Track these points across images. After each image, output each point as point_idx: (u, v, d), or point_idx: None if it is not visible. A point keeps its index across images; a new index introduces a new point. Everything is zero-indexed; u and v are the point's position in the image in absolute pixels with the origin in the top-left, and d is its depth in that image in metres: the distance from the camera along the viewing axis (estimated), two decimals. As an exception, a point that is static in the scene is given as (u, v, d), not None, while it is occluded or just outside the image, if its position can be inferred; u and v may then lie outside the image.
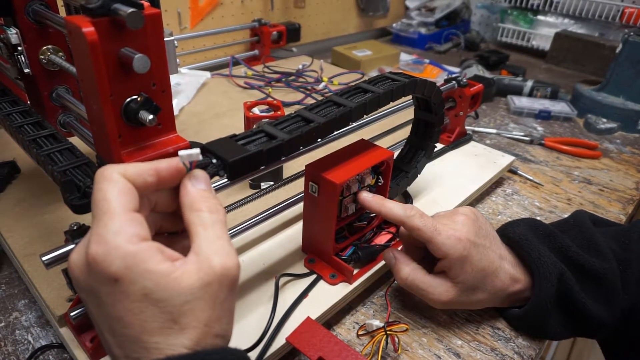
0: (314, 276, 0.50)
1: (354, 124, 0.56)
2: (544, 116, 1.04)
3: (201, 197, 0.30)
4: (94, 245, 0.26)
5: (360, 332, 0.47)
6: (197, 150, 0.31)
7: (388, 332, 0.44)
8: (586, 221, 0.50)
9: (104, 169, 0.29)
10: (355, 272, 0.50)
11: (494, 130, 0.96)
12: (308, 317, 0.44)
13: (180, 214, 0.31)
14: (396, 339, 0.45)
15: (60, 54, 0.50)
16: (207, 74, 1.05)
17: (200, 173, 0.32)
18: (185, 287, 0.27)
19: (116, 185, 0.28)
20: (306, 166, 0.48)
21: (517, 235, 0.48)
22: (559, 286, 0.45)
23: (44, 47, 0.49)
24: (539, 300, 0.45)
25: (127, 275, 0.26)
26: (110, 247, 0.26)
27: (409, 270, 0.46)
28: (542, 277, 0.45)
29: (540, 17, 1.52)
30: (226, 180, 0.42)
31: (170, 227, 0.34)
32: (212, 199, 0.31)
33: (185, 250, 0.29)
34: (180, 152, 0.30)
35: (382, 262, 0.52)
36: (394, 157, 0.54)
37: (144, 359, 0.26)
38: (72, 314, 0.39)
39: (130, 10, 0.32)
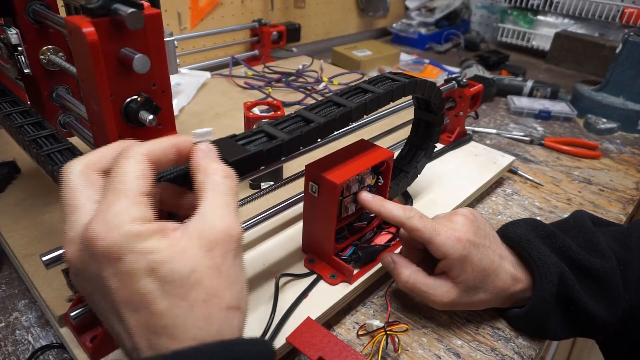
0: (314, 276, 0.50)
1: (354, 124, 0.56)
2: (544, 116, 1.04)
3: (216, 162, 0.30)
4: (93, 224, 0.25)
5: (361, 332, 0.47)
6: (209, 129, 0.31)
7: (388, 332, 0.44)
8: (586, 221, 0.50)
9: (129, 148, 0.28)
10: (355, 272, 0.50)
11: (494, 131, 0.96)
12: (308, 317, 0.44)
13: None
14: (396, 339, 0.45)
15: (60, 54, 0.50)
16: (207, 74, 1.05)
17: (211, 146, 0.31)
18: (189, 257, 0.26)
19: (137, 166, 0.27)
20: (306, 166, 0.48)
21: (517, 235, 0.48)
22: (559, 286, 0.45)
23: (44, 47, 0.49)
24: (539, 300, 0.45)
25: (129, 254, 0.25)
26: (110, 226, 0.25)
27: (409, 273, 0.46)
28: (542, 277, 0.45)
29: (540, 17, 1.52)
30: (226, 180, 0.42)
31: (171, 199, 0.33)
32: (225, 167, 0.30)
33: (192, 209, 0.28)
34: (195, 131, 0.31)
35: (382, 262, 0.52)
36: (394, 157, 0.54)
37: (156, 347, 0.25)
38: (72, 314, 0.39)
39: (130, 10, 0.32)
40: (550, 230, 0.49)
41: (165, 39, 0.36)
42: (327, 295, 0.48)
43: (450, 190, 0.67)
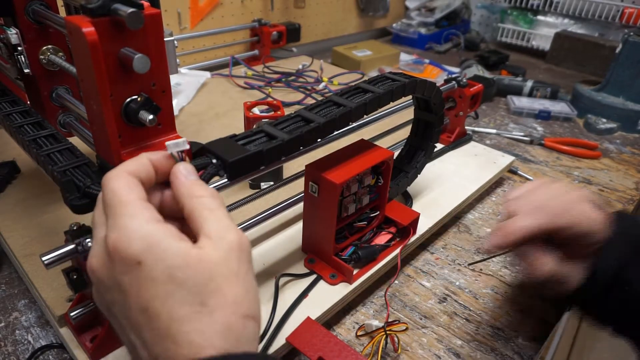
0: (314, 276, 0.50)
1: (354, 124, 0.56)
2: (544, 116, 1.04)
3: (198, 184, 0.30)
4: (112, 234, 0.26)
5: (359, 333, 0.47)
6: (183, 139, 0.31)
7: (388, 332, 0.44)
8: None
9: (107, 173, 0.29)
10: (355, 272, 0.50)
11: (494, 131, 0.96)
12: (308, 317, 0.44)
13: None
14: (396, 339, 0.45)
15: (60, 54, 0.50)
16: (207, 74, 1.05)
17: (188, 166, 0.31)
18: (207, 264, 0.26)
19: (121, 179, 0.28)
20: (306, 166, 0.48)
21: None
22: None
23: (44, 47, 0.49)
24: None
25: (150, 257, 0.25)
26: (129, 231, 0.26)
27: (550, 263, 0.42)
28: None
29: (540, 17, 1.52)
30: (226, 180, 0.42)
31: (171, 204, 0.33)
32: (208, 187, 0.31)
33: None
34: (168, 143, 0.31)
35: (382, 262, 0.52)
36: (394, 157, 0.54)
37: (175, 357, 0.25)
38: (72, 314, 0.39)
39: (130, 10, 0.32)
40: None
41: (165, 39, 0.36)
42: (327, 295, 0.48)
43: (450, 190, 0.67)
